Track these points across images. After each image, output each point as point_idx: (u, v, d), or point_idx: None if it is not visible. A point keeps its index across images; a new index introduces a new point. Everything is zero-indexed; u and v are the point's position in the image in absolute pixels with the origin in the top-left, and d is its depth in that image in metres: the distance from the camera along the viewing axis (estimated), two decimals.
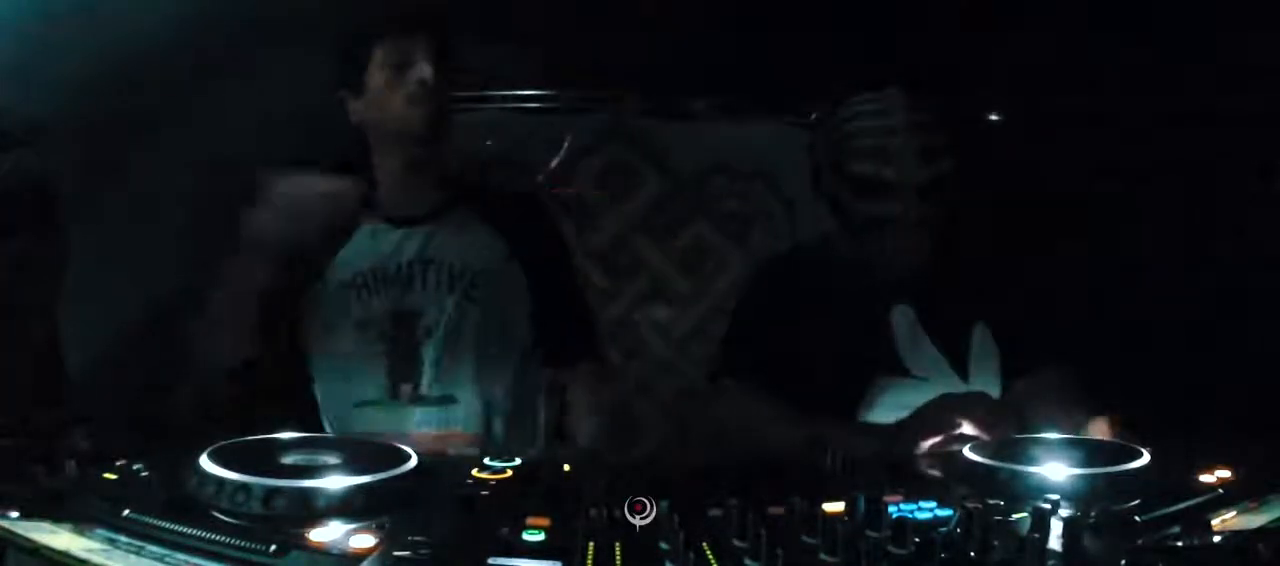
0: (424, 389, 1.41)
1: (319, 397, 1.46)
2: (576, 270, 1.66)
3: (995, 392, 1.42)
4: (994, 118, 1.90)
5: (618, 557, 0.79)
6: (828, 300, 1.39)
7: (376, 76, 1.39)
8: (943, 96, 1.52)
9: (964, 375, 1.41)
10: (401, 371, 1.40)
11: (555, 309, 1.51)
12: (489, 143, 2.26)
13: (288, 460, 0.96)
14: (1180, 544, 0.82)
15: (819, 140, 1.46)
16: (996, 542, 0.81)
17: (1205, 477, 1.01)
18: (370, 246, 1.43)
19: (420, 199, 1.46)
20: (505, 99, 2.29)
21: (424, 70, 1.36)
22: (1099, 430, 1.23)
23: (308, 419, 1.43)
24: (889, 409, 1.38)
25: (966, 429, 1.26)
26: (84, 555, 0.76)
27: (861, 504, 0.87)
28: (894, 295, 1.42)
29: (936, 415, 1.29)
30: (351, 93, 1.42)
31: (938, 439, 1.26)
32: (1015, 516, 0.90)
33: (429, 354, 1.41)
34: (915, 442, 1.27)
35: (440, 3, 1.52)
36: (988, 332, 1.44)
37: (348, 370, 1.42)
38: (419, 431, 1.39)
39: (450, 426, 1.41)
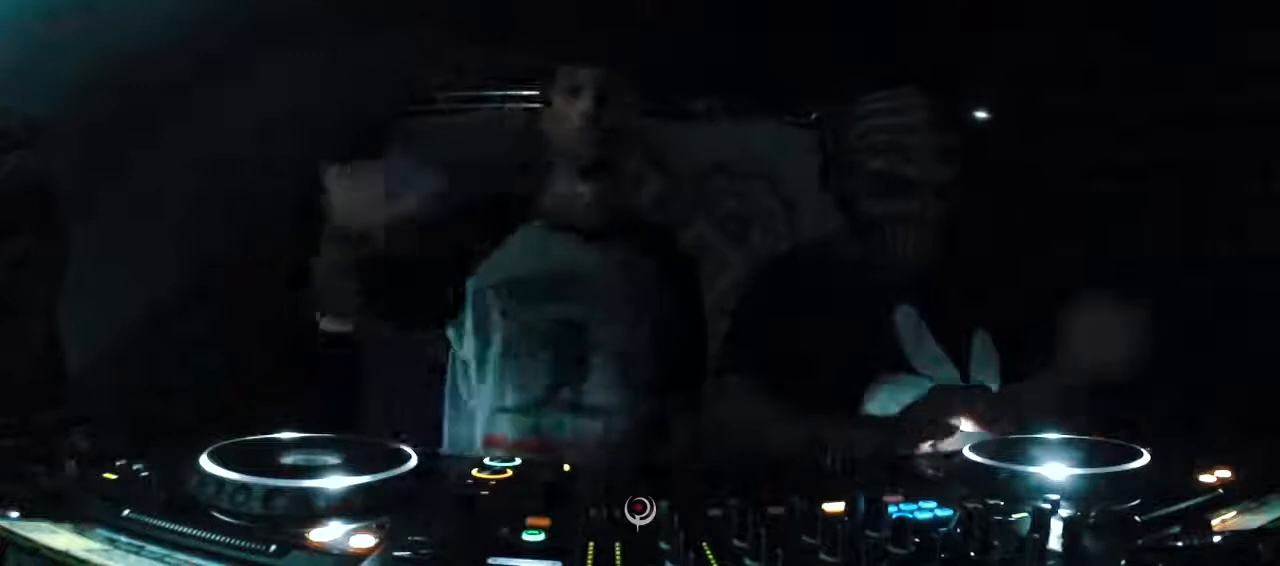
0: (585, 397, 1.41)
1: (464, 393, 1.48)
2: (704, 304, 1.67)
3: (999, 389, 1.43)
4: (994, 117, 1.90)
5: (618, 557, 0.79)
6: (832, 298, 1.40)
7: (555, 95, 1.47)
8: (945, 95, 1.52)
9: (965, 374, 1.42)
10: (564, 377, 1.41)
11: (691, 339, 1.55)
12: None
13: (288, 460, 0.96)
14: (1180, 544, 0.82)
15: (831, 137, 1.46)
16: (996, 542, 0.81)
17: (1205, 477, 1.01)
18: (538, 249, 1.45)
19: (591, 214, 1.48)
20: (505, 99, 2.29)
21: (588, 101, 1.42)
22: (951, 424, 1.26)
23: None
24: (892, 405, 1.38)
25: (966, 424, 1.26)
26: (84, 555, 0.76)
27: (861, 504, 0.87)
28: (898, 294, 1.42)
29: (936, 409, 1.30)
30: (542, 102, 1.50)
31: (937, 433, 1.27)
32: (1015, 516, 0.90)
33: (593, 363, 1.42)
34: (915, 437, 1.28)
35: (631, 37, 1.55)
36: (988, 335, 1.44)
37: (506, 371, 1.42)
38: (570, 438, 1.39)
39: (602, 437, 1.41)
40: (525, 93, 2.29)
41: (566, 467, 1.08)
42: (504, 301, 1.41)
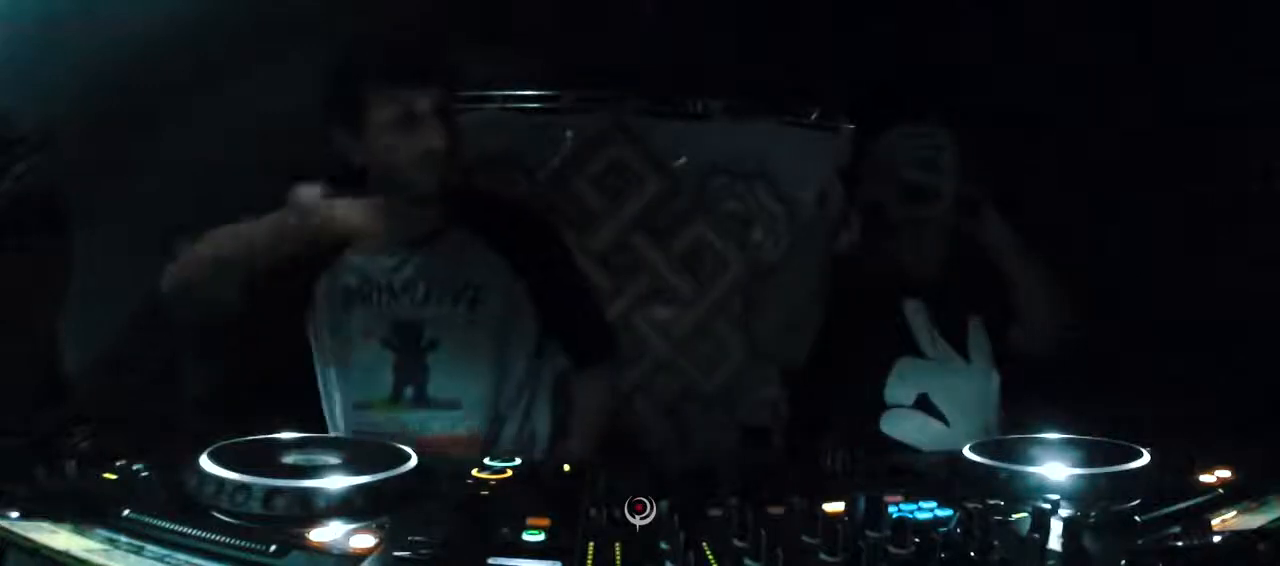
0: (429, 392, 1.44)
1: (323, 398, 1.49)
2: (578, 274, 1.69)
3: (993, 374, 1.57)
4: (994, 118, 1.90)
5: (618, 557, 0.79)
6: (858, 292, 1.53)
7: (378, 126, 1.35)
8: (942, 96, 1.55)
9: (965, 358, 1.56)
10: (406, 375, 1.43)
11: (559, 315, 1.55)
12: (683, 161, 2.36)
13: (288, 460, 0.96)
14: (1180, 544, 0.82)
15: (868, 152, 1.59)
16: (996, 542, 0.81)
17: (1205, 477, 1.01)
18: (370, 264, 1.45)
19: (420, 223, 1.46)
20: (505, 99, 2.28)
21: (434, 136, 1.34)
22: None
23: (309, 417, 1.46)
24: (907, 384, 1.52)
25: None
26: (84, 555, 0.76)
27: (861, 504, 0.87)
28: (911, 289, 1.58)
29: None
30: (347, 133, 1.38)
31: None
32: (1015, 516, 0.90)
33: (432, 360, 1.44)
34: None
35: (442, 40, 1.51)
36: (981, 325, 1.58)
37: (349, 373, 1.46)
38: (423, 433, 1.41)
39: (455, 429, 1.44)
40: (525, 93, 2.30)
41: (566, 467, 1.08)
42: (349, 303, 1.44)
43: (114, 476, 0.93)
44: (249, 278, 1.31)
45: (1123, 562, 0.79)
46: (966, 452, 1.08)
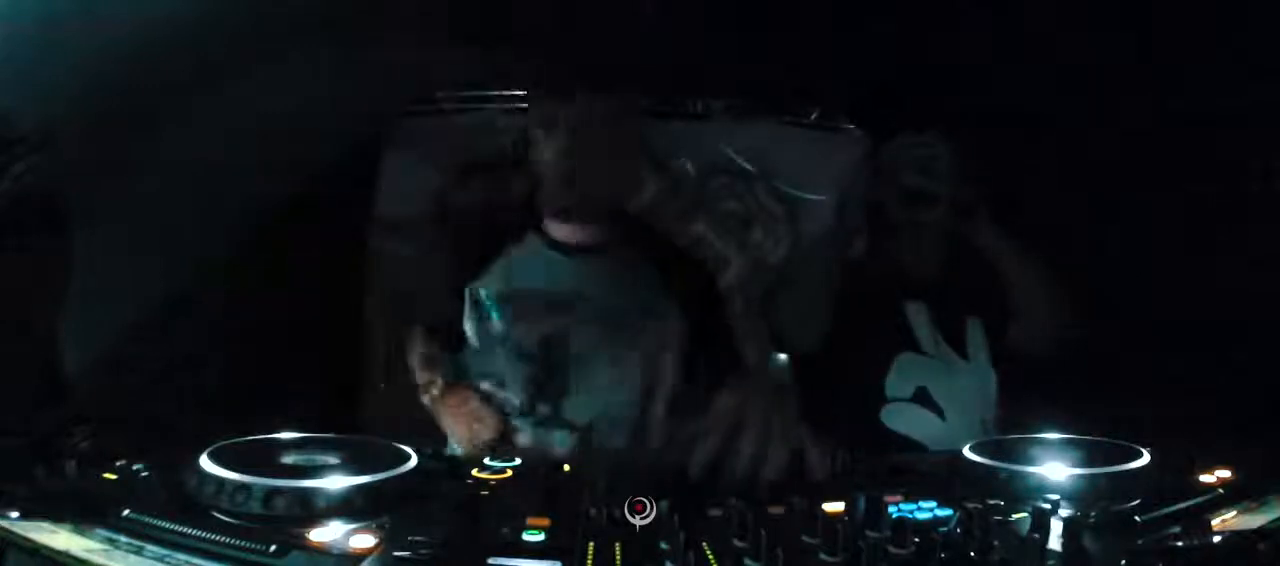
0: (564, 413, 1.40)
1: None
2: (728, 315, 1.67)
3: (990, 373, 1.62)
4: (994, 118, 1.90)
5: (618, 557, 0.79)
6: (861, 291, 1.60)
7: (537, 130, 1.42)
8: (943, 96, 1.57)
9: (964, 356, 1.62)
10: (543, 392, 1.40)
11: (707, 353, 1.51)
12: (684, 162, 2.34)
13: (288, 460, 0.96)
14: (1180, 544, 0.82)
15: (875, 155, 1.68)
16: (996, 542, 0.81)
17: (1205, 477, 1.01)
18: (532, 268, 1.43)
19: (583, 230, 1.46)
20: (505, 99, 2.28)
21: (560, 140, 1.37)
22: None
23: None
24: (906, 379, 1.57)
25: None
26: (84, 555, 0.76)
27: (861, 504, 0.87)
28: (912, 290, 1.64)
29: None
30: (545, 134, 1.44)
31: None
32: (1015, 516, 0.90)
33: (572, 380, 1.40)
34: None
35: (628, 70, 1.55)
36: (980, 325, 1.64)
37: (494, 380, 1.43)
38: (546, 448, 1.39)
39: (576, 450, 1.41)
40: (525, 93, 2.30)
41: (566, 467, 1.08)
42: (498, 311, 1.41)
43: (114, 476, 0.93)
44: None
45: (1123, 562, 0.79)
46: (966, 452, 1.08)
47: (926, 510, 0.92)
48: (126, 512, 0.82)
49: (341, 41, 1.76)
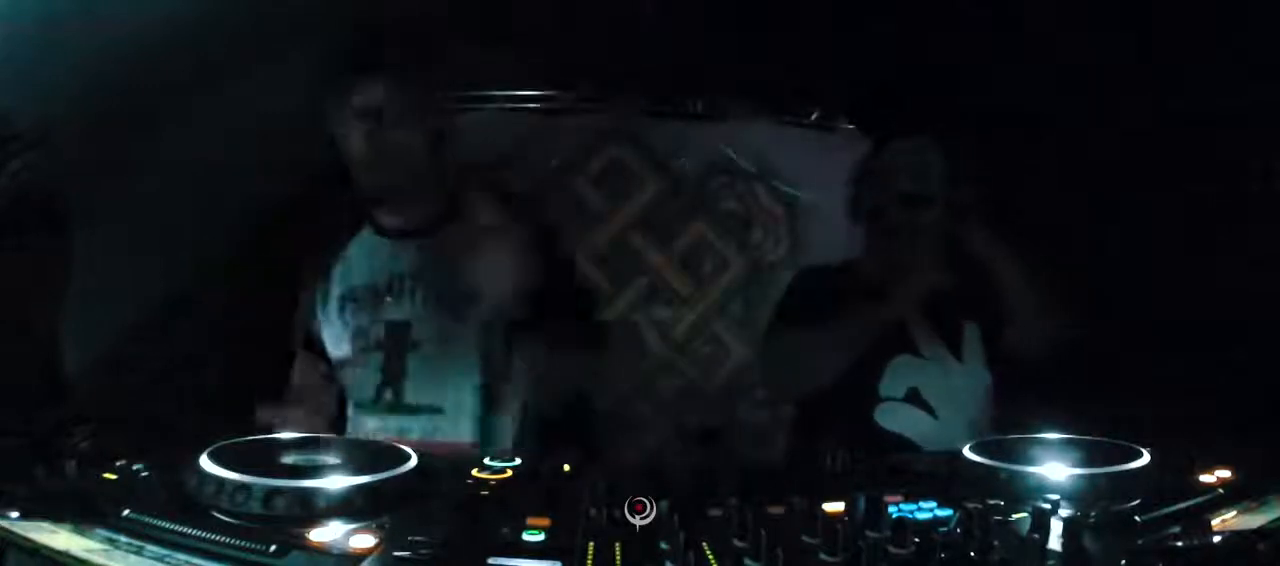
0: (409, 397, 1.42)
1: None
2: (576, 276, 1.69)
3: (984, 374, 1.64)
4: (994, 118, 1.90)
5: (618, 557, 0.79)
6: (856, 290, 1.64)
7: (341, 119, 1.39)
8: (942, 96, 1.58)
9: (958, 358, 1.64)
10: (389, 378, 1.42)
11: (555, 313, 1.47)
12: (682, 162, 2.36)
13: (288, 460, 0.96)
14: (1180, 544, 0.82)
15: (868, 163, 1.73)
16: (996, 542, 0.81)
17: (1205, 477, 1.01)
18: (366, 260, 1.45)
19: (413, 213, 1.46)
20: (505, 99, 2.28)
21: (366, 138, 1.36)
22: None
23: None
24: (900, 379, 1.60)
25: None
26: (84, 555, 0.76)
27: (861, 504, 0.87)
28: (908, 290, 1.64)
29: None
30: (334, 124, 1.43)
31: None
32: (1015, 516, 0.90)
33: (413, 364, 1.42)
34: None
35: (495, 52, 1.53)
36: (976, 327, 1.66)
37: (348, 373, 1.47)
38: (409, 438, 1.39)
39: (436, 435, 1.42)
40: (525, 93, 2.30)
41: (566, 467, 1.08)
42: (346, 307, 1.45)
43: (114, 476, 0.93)
44: None
45: (1123, 562, 0.79)
46: (966, 452, 1.08)
47: (926, 510, 0.92)
48: (126, 512, 0.82)
49: (341, 41, 1.76)
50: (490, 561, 0.76)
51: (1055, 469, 0.99)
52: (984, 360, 1.65)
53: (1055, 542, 0.81)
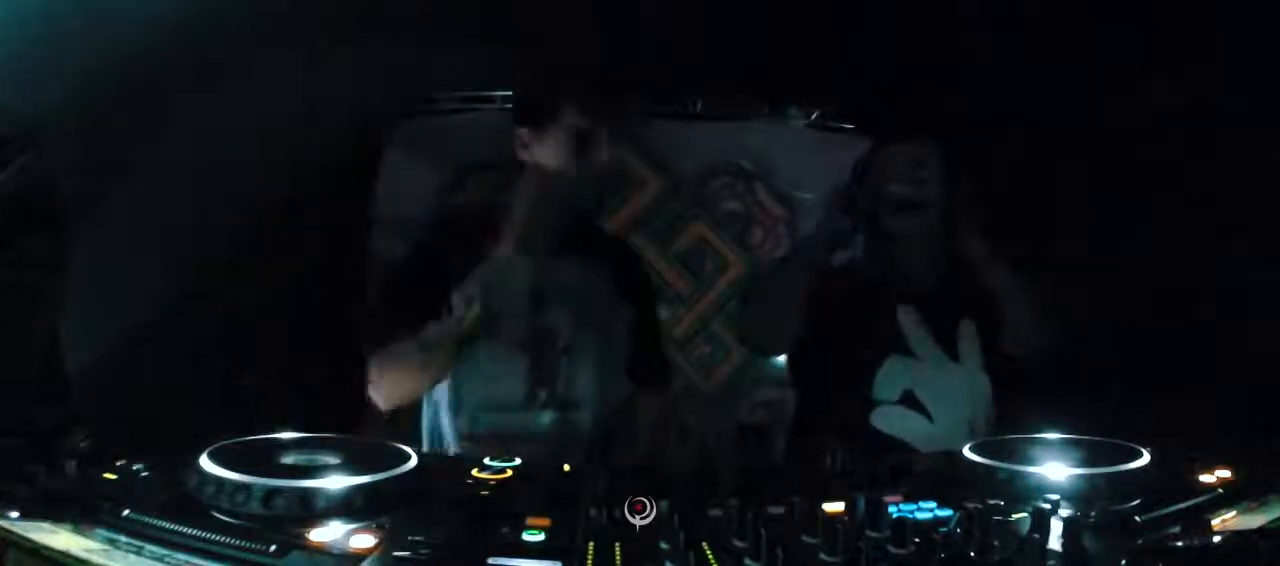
0: (561, 396, 1.51)
1: (453, 397, 1.52)
2: (654, 300, 1.78)
3: (981, 376, 1.63)
4: (994, 118, 1.90)
5: (618, 557, 0.79)
6: (850, 293, 1.65)
7: (560, 130, 1.47)
8: (942, 97, 1.57)
9: (955, 359, 1.63)
10: (539, 379, 1.50)
11: (642, 336, 1.64)
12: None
13: (288, 460, 0.96)
14: (1180, 544, 0.82)
15: (861, 167, 1.73)
16: (996, 542, 0.81)
17: (1205, 477, 1.01)
18: (504, 272, 1.50)
19: (552, 236, 1.54)
20: (505, 99, 2.28)
21: (605, 150, 1.47)
22: None
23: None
24: (894, 381, 1.60)
25: None
26: (84, 555, 0.76)
27: (861, 504, 0.87)
28: (903, 292, 1.65)
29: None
30: (531, 133, 1.51)
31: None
32: (1015, 516, 0.90)
33: (563, 366, 1.51)
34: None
35: (633, 78, 1.58)
36: (973, 328, 1.65)
37: (487, 374, 1.50)
38: (545, 429, 1.49)
39: (571, 431, 1.51)
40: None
41: (566, 468, 1.08)
42: (485, 311, 1.46)
43: (114, 476, 0.93)
44: None
45: (1123, 562, 0.79)
46: (966, 452, 1.08)
47: (926, 510, 0.92)
48: (126, 512, 0.82)
49: (341, 42, 1.76)
50: (490, 561, 0.76)
51: (1055, 469, 0.99)
52: (981, 360, 1.64)
53: (1055, 542, 0.81)
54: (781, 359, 1.90)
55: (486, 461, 1.07)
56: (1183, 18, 1.60)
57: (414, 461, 0.97)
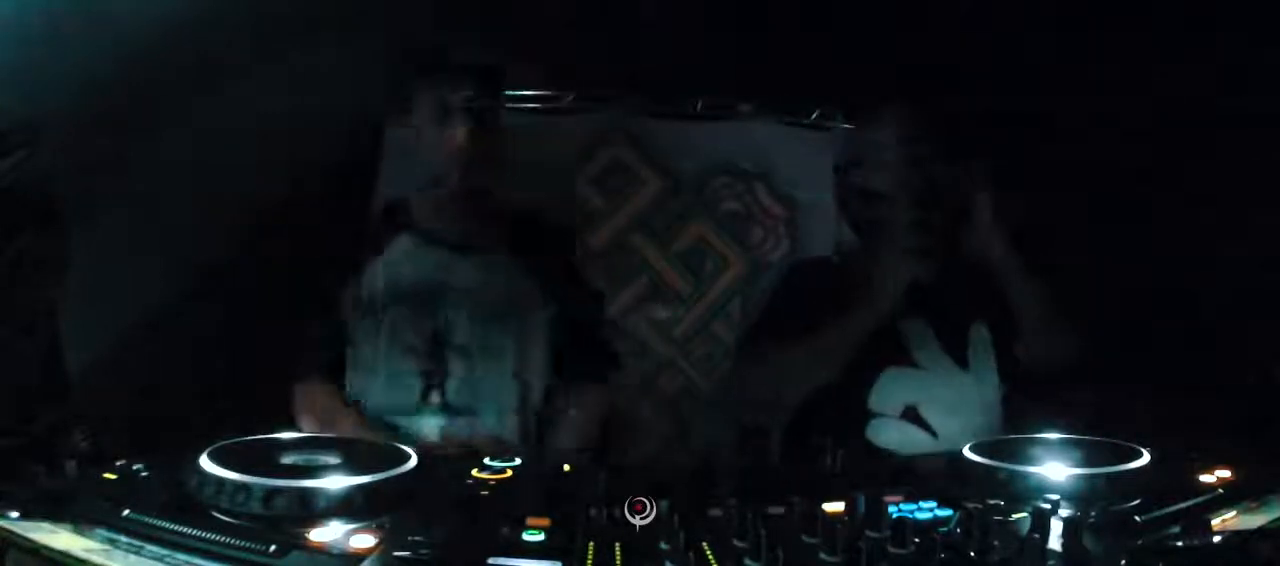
0: (450, 398, 1.46)
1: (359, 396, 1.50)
2: (589, 293, 1.72)
3: (992, 384, 1.53)
4: (993, 118, 1.90)
5: (618, 557, 0.79)
6: (843, 296, 1.50)
7: (423, 117, 1.45)
8: (942, 97, 1.55)
9: (964, 365, 1.53)
10: (431, 382, 1.46)
11: (571, 330, 1.57)
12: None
13: (288, 460, 0.96)
14: (1180, 544, 0.82)
15: (834, 147, 1.67)
16: (996, 542, 0.81)
17: (1205, 477, 1.01)
18: (410, 266, 1.48)
19: (455, 225, 1.51)
20: (505, 99, 2.28)
21: (462, 131, 1.42)
22: None
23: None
24: (893, 395, 1.50)
25: None
26: (84, 555, 0.76)
27: (861, 504, 0.87)
28: (906, 297, 1.50)
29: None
30: (408, 121, 1.50)
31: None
32: (1015, 516, 0.90)
33: (458, 369, 1.46)
34: None
35: (495, 52, 1.56)
36: (985, 331, 1.55)
37: (383, 374, 1.47)
38: (443, 435, 1.44)
39: (474, 434, 1.46)
40: (525, 93, 2.30)
41: (566, 468, 1.08)
42: (381, 310, 1.46)
43: (114, 476, 0.93)
44: None
45: (1123, 562, 0.79)
46: (966, 452, 1.08)
47: (926, 510, 0.92)
48: (126, 512, 0.82)
49: (342, 42, 1.76)
50: (490, 561, 0.76)
51: (1055, 469, 0.99)
52: (995, 366, 1.54)
53: (1055, 542, 0.81)
54: None
55: (486, 461, 1.07)
56: (1183, 17, 1.60)
57: (414, 461, 0.97)
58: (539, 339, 1.53)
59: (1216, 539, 0.83)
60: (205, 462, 0.89)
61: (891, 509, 0.90)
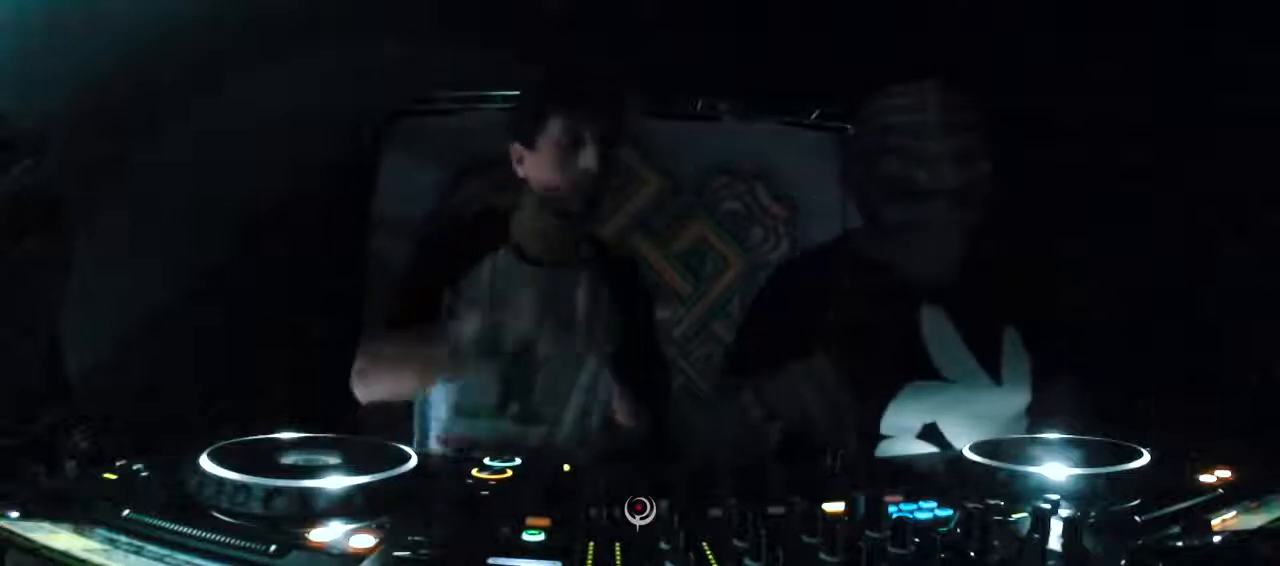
0: (533, 407, 1.49)
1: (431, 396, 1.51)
2: (649, 304, 1.75)
3: (1023, 392, 1.41)
4: (994, 118, 1.90)
5: (618, 557, 0.79)
6: (854, 300, 1.38)
7: (547, 143, 1.45)
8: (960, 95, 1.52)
9: (996, 378, 1.39)
10: (513, 391, 1.48)
11: (639, 355, 1.60)
12: None
13: (288, 460, 0.96)
14: (1180, 544, 0.82)
15: (851, 139, 1.55)
16: (996, 542, 0.81)
17: (1205, 477, 1.01)
18: (501, 276, 1.49)
19: (551, 246, 1.53)
20: (505, 99, 2.28)
21: (591, 157, 1.43)
22: None
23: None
24: (916, 411, 1.38)
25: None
26: (84, 555, 0.76)
27: (861, 504, 0.87)
28: (923, 296, 1.40)
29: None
30: (523, 147, 1.49)
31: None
32: (1015, 516, 0.90)
33: (540, 380, 1.48)
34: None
35: (621, 83, 1.56)
36: (1018, 336, 1.42)
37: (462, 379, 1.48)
38: (512, 439, 1.47)
39: (541, 442, 1.49)
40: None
41: (567, 468, 1.08)
42: (471, 316, 1.45)
43: (114, 476, 0.93)
44: None
45: (1122, 562, 0.79)
46: (966, 453, 1.08)
47: (926, 510, 0.92)
48: (126, 512, 0.82)
49: (342, 42, 1.76)
50: (490, 561, 0.76)
51: (1055, 469, 0.99)
52: (1027, 376, 1.39)
53: (1055, 542, 0.81)
54: None
55: (486, 461, 1.07)
56: (1184, 17, 1.60)
57: (414, 461, 0.97)
58: (607, 358, 1.55)
59: (1216, 539, 0.83)
60: (205, 463, 0.89)
61: (891, 509, 0.90)
